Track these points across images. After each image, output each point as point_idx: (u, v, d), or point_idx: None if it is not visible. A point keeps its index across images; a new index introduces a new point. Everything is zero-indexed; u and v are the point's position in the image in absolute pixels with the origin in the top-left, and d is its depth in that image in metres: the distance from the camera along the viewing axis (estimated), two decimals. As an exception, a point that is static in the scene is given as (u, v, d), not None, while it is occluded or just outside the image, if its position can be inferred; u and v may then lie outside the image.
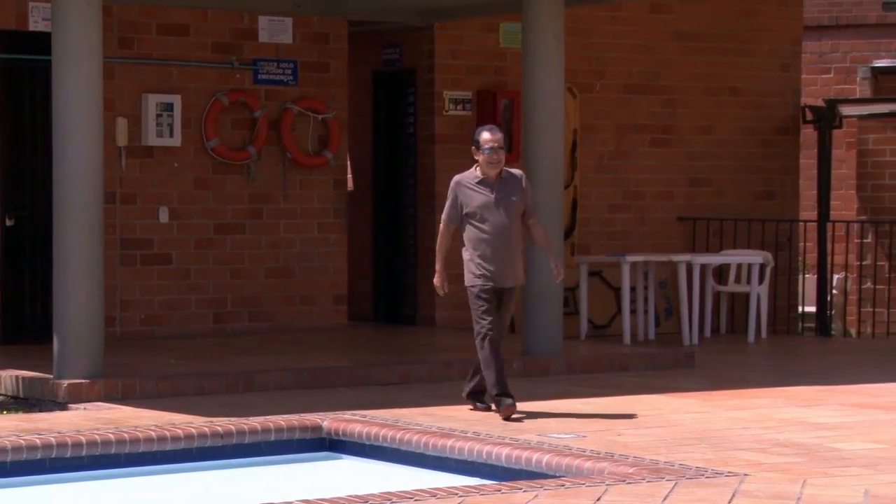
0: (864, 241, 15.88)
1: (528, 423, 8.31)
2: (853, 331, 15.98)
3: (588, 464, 6.98)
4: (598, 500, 6.18)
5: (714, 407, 9.07)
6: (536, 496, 6.26)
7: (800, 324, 14.84)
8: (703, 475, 6.75)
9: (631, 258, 12.75)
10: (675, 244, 13.87)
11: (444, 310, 13.11)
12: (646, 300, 13.05)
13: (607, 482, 6.56)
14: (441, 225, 8.75)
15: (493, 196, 8.54)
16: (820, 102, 15.33)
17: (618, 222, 13.80)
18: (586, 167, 13.63)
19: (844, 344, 14.30)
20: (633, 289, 12.85)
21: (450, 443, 7.56)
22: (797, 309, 14.78)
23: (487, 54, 13.23)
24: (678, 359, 11.25)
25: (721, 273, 13.80)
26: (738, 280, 13.68)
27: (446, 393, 9.57)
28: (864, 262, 15.83)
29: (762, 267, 13.36)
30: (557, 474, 6.96)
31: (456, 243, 13.14)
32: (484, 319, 8.55)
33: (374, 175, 13.80)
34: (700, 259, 13.18)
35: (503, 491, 6.41)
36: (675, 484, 6.52)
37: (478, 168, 8.64)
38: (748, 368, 11.52)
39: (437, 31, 13.07)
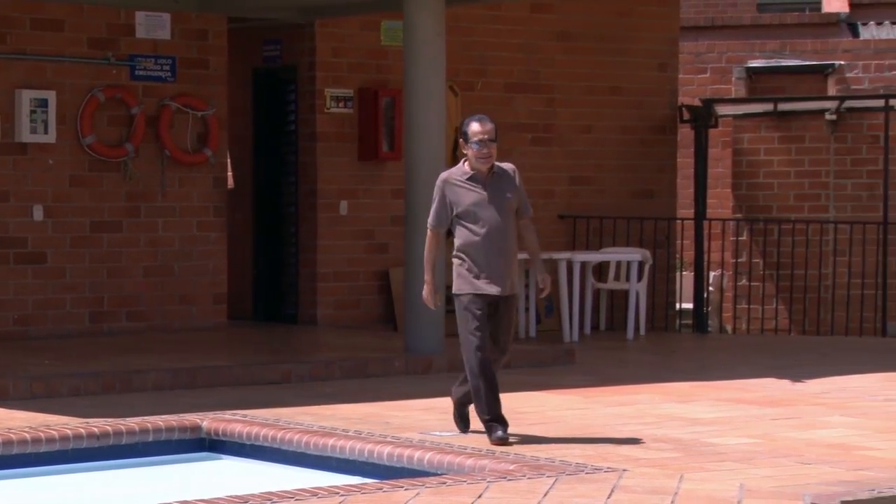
0: (740, 238, 16.15)
1: (409, 421, 8.30)
2: (729, 327, 16.24)
3: (469, 461, 7.00)
4: (480, 497, 6.20)
5: (594, 403, 9.15)
6: (418, 494, 6.26)
7: (677, 321, 15.05)
8: (582, 471, 6.80)
9: (512, 256, 12.80)
10: (556, 242, 13.97)
11: (325, 308, 13.07)
12: (527, 298, 13.13)
13: (488, 479, 6.58)
14: (428, 231, 7.72)
15: (485, 194, 7.61)
16: (696, 102, 15.55)
17: (499, 220, 13.84)
18: (467, 165, 13.65)
19: (720, 340, 14.53)
20: (513, 286, 12.90)
21: (331, 442, 7.53)
22: (675, 306, 14.99)
23: (369, 52, 13.20)
24: (559, 356, 11.33)
25: (601, 270, 13.94)
26: (617, 277, 13.82)
27: (328, 392, 9.53)
28: (739, 260, 16.10)
29: (641, 264, 13.52)
30: (439, 472, 6.96)
31: (343, 240, 13.16)
32: (474, 336, 7.60)
33: (254, 173, 13.70)
34: (580, 257, 13.30)
35: (385, 489, 6.39)
36: (556, 480, 6.56)
37: (465, 163, 7.69)
38: (627, 365, 11.64)
39: (318, 28, 13.01)
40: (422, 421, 8.31)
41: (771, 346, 13.33)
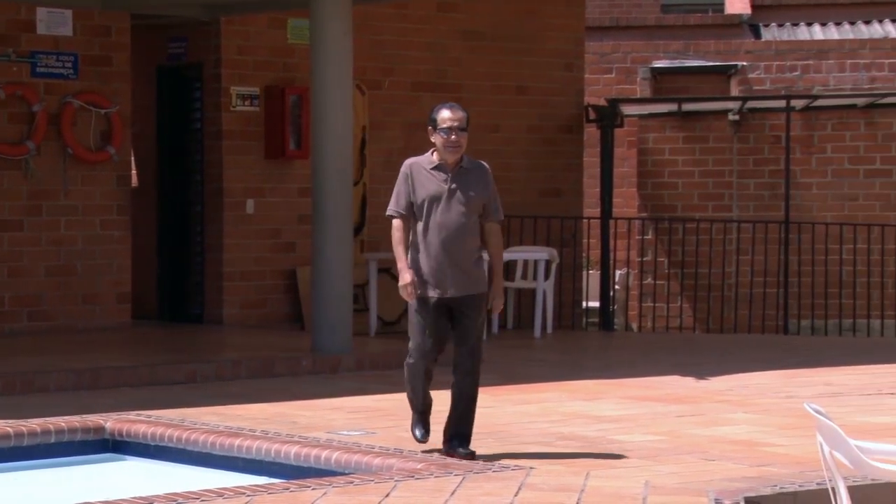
0: (645, 237, 16.29)
1: (317, 420, 8.26)
2: (635, 325, 16.38)
3: (377, 460, 6.98)
4: (387, 496, 6.18)
5: (501, 402, 9.17)
6: (325, 494, 6.23)
7: (584, 319, 15.15)
8: (490, 469, 6.81)
9: (419, 255, 12.80)
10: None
11: (232, 308, 12.97)
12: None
13: (396, 478, 6.57)
14: (393, 220, 7.10)
15: (447, 186, 7.05)
16: (602, 102, 15.66)
17: (406, 219, 13.83)
18: (375, 164, 13.65)
19: (626, 338, 14.65)
20: (421, 285, 12.90)
21: (237, 442, 7.47)
22: (581, 304, 15.09)
23: (275, 50, 13.13)
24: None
25: (508, 269, 13.98)
26: (524, 276, 13.88)
27: (234, 392, 9.46)
28: (644, 259, 16.24)
29: (548, 263, 13.59)
30: (346, 471, 6.94)
31: (250, 239, 13.06)
32: (417, 339, 7.13)
33: (159, 171, 13.56)
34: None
35: (292, 489, 6.35)
36: (463, 478, 6.57)
37: (434, 153, 7.13)
38: (534, 363, 11.69)
39: (224, 25, 12.91)
40: (329, 420, 8.28)
41: (675, 344, 13.46)
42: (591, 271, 15.83)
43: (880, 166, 16.35)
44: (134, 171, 13.35)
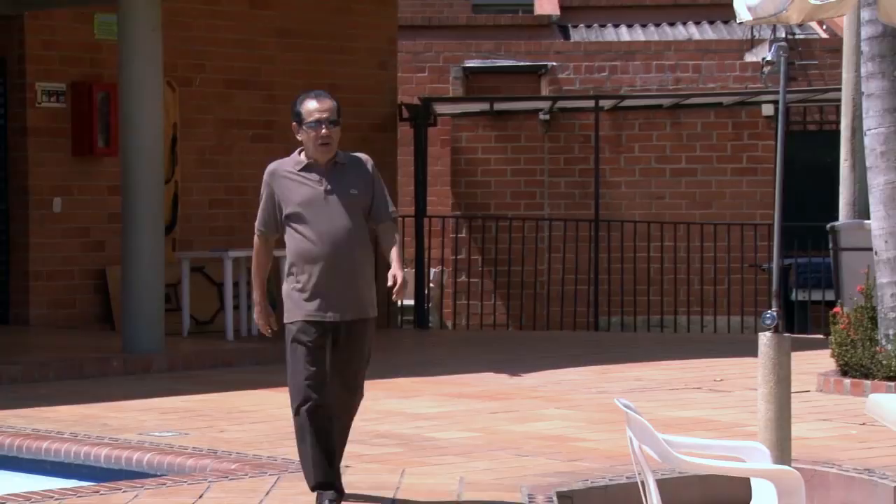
0: (459, 235, 16.43)
1: (128, 421, 8.12)
2: (449, 323, 16.51)
3: (190, 461, 6.90)
4: (201, 497, 6.12)
5: (316, 400, 9.13)
6: (137, 496, 6.13)
7: (399, 317, 15.21)
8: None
9: (233, 253, 12.69)
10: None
11: (38, 308, 12.66)
12: (249, 295, 13.02)
13: (210, 479, 6.51)
14: (255, 237, 6.19)
15: (322, 188, 5.98)
16: (415, 101, 15.75)
17: (220, 217, 13.72)
18: (187, 162, 13.47)
19: (441, 336, 14.75)
20: (235, 284, 12.80)
21: (45, 444, 7.30)
22: (396, 302, 15.14)
23: (82, 45, 12.85)
24: (282, 353, 11.25)
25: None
26: (338, 275, 13.84)
27: (42, 394, 9.24)
28: (459, 256, 16.38)
29: (362, 261, 13.58)
30: (159, 473, 6.84)
31: (57, 238, 12.74)
32: (300, 374, 5.93)
33: (-39, 168, 13.16)
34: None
35: (102, 492, 6.24)
36: (278, 478, 6.54)
37: (301, 152, 6.06)
38: (349, 361, 11.67)
39: (28, 20, 12.59)
40: (141, 422, 8.15)
41: (490, 342, 13.61)
42: (405, 269, 15.90)
43: (685, 165, 16.79)
44: (-66, 169, 12.93)
